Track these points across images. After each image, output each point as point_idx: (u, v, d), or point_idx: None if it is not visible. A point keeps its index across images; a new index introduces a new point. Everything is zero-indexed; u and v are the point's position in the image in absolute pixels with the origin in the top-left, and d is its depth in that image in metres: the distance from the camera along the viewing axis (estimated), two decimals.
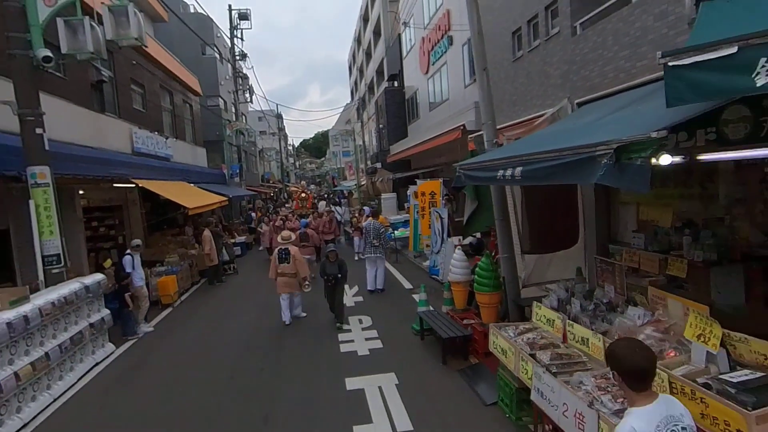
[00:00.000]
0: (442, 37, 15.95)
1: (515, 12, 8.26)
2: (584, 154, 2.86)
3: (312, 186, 58.19)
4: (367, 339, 6.71)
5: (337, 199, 28.91)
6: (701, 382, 2.57)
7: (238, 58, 23.72)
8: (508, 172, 3.97)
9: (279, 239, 8.12)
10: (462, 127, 11.22)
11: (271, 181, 42.86)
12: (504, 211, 6.33)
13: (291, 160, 76.62)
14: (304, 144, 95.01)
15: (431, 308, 7.01)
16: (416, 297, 7.90)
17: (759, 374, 2.46)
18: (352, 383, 5.26)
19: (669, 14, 4.79)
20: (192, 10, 25.57)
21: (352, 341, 6.67)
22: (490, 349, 4.57)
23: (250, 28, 37.01)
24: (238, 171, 22.58)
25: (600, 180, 2.72)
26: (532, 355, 3.67)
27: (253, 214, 20.80)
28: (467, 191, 7.44)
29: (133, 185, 11.19)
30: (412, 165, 21.25)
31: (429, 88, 18.77)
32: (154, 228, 14.25)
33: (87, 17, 6.41)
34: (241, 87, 23.51)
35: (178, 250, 12.03)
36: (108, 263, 9.22)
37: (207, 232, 11.42)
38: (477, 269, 5.99)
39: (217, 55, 24.60)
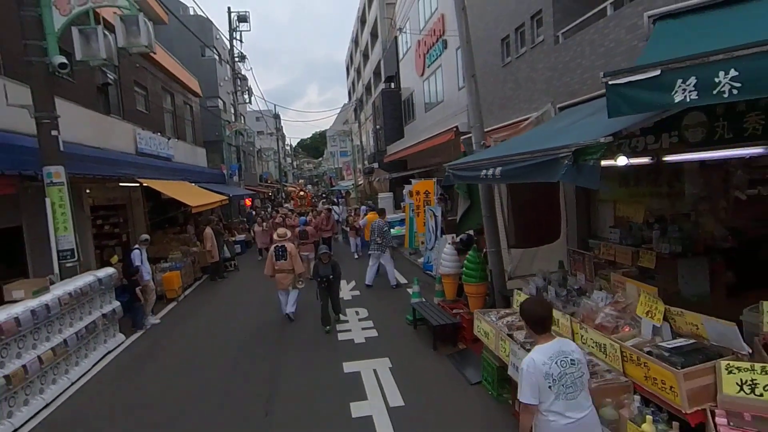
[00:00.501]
0: (436, 41, 16.40)
1: (504, 20, 8.72)
2: (551, 156, 3.31)
3: (309, 186, 58.40)
4: (363, 328, 7.15)
5: (334, 199, 29.31)
6: (646, 350, 3.01)
7: (237, 59, 24.09)
8: (490, 172, 4.42)
9: (275, 236, 8.19)
10: (455, 129, 11.65)
11: (269, 181, 43.21)
12: (491, 209, 6.76)
13: (288, 160, 76.91)
14: (302, 144, 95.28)
15: (424, 300, 7.45)
16: (410, 291, 8.33)
17: (691, 341, 2.92)
18: (349, 367, 5.70)
19: (639, 27, 5.24)
20: (191, 12, 25.96)
21: (349, 330, 7.11)
22: (474, 332, 5.01)
23: (249, 30, 37.19)
24: (237, 171, 22.96)
25: (561, 178, 3.16)
26: (510, 335, 4.11)
27: (254, 212, 21.20)
28: (460, 191, 7.87)
29: (138, 185, 11.59)
30: (408, 165, 21.68)
31: (424, 89, 19.21)
32: (156, 226, 14.63)
33: (100, 26, 6.81)
34: (240, 88, 23.89)
35: (180, 248, 12.44)
36: (114, 259, 9.59)
37: (209, 230, 11.82)
38: (465, 262, 6.43)
39: (216, 57, 25.00)
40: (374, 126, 27.43)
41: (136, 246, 8.43)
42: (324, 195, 35.25)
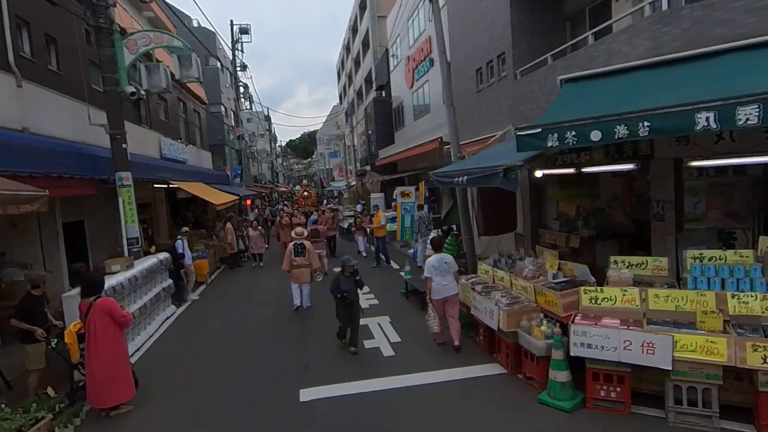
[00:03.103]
0: (424, 59, 18.47)
1: (478, 55, 10.83)
2: (492, 171, 5.37)
3: (297, 187, 59.72)
4: (367, 299, 9.15)
5: (331, 199, 31.11)
6: (547, 286, 5.11)
7: (238, 69, 25.85)
8: (460, 179, 6.49)
9: (293, 234, 8.87)
10: (440, 139, 13.77)
11: (263, 182, 44.85)
12: (465, 206, 8.88)
13: (279, 160, 78.25)
14: (290, 144, 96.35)
15: (413, 277, 9.49)
16: (402, 274, 10.36)
17: (568, 279, 5.02)
18: (360, 321, 7.69)
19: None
20: (195, 24, 27.61)
21: None
22: None
23: (251, 41, 39.02)
24: (240, 173, 24.73)
25: (499, 185, 5.23)
26: (473, 288, 6.18)
27: (260, 210, 22.95)
28: (444, 193, 9.98)
29: (164, 186, 13.40)
30: (398, 168, 23.73)
31: (413, 100, 21.25)
32: (175, 224, 16.45)
33: (161, 63, 8.70)
34: (242, 96, 25.65)
35: (201, 241, 14.28)
36: (153, 250, 11.44)
37: (229, 225, 13.72)
38: (445, 244, 8.50)
39: (219, 66, 26.74)
40: (366, 131, 29.39)
41: (179, 237, 10.31)
42: (328, 197, 37.00)
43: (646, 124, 3.88)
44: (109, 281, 6.59)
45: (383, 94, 27.30)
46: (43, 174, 6.69)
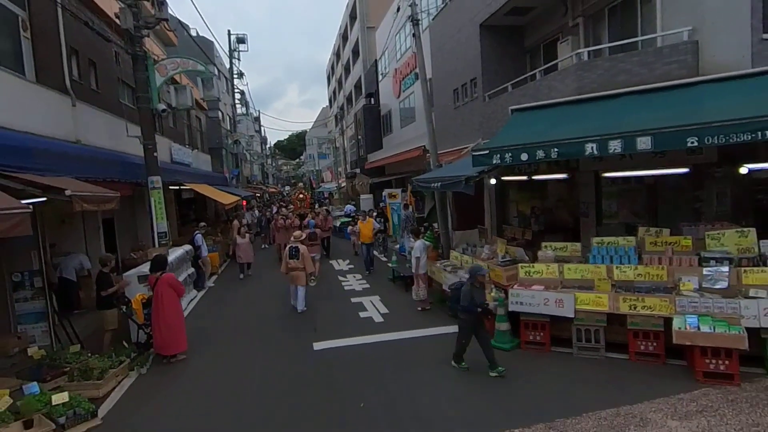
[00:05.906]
0: (410, 72, 20.29)
1: (455, 78, 12.69)
2: (457, 179, 7.17)
3: (287, 187, 61.05)
4: (360, 284, 10.93)
5: (322, 201, 32.73)
6: (497, 264, 6.93)
7: (236, 76, 27.35)
8: (435, 185, 8.30)
9: (291, 238, 9.40)
10: (423, 147, 15.58)
11: (254, 183, 46.15)
12: (443, 206, 10.70)
13: (269, 161, 79.15)
14: (278, 145, 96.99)
15: (399, 265, 11.27)
16: (390, 264, 12.13)
17: (511, 259, 6.87)
18: (354, 300, 9.46)
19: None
20: (194, 33, 29.00)
21: (351, 284, 10.87)
22: (428, 274, 8.87)
23: (247, 50, 40.25)
24: (237, 174, 26.23)
25: (461, 189, 7.03)
26: (445, 269, 7.99)
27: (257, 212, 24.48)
28: (427, 194, 11.76)
29: (175, 187, 14.92)
30: (386, 171, 25.50)
31: (400, 108, 23.06)
32: (183, 222, 17.96)
33: (188, 85, 10.32)
34: (239, 102, 27.15)
35: (209, 237, 15.82)
36: (169, 244, 12.99)
37: (236, 222, 15.28)
38: (424, 237, 10.31)
39: (216, 73, 28.18)
40: (356, 135, 31.11)
41: (198, 232, 11.92)
42: (319, 198, 38.46)
43: (555, 149, 5.73)
44: None
45: (372, 102, 29.01)
46: (102, 179, 8.28)
